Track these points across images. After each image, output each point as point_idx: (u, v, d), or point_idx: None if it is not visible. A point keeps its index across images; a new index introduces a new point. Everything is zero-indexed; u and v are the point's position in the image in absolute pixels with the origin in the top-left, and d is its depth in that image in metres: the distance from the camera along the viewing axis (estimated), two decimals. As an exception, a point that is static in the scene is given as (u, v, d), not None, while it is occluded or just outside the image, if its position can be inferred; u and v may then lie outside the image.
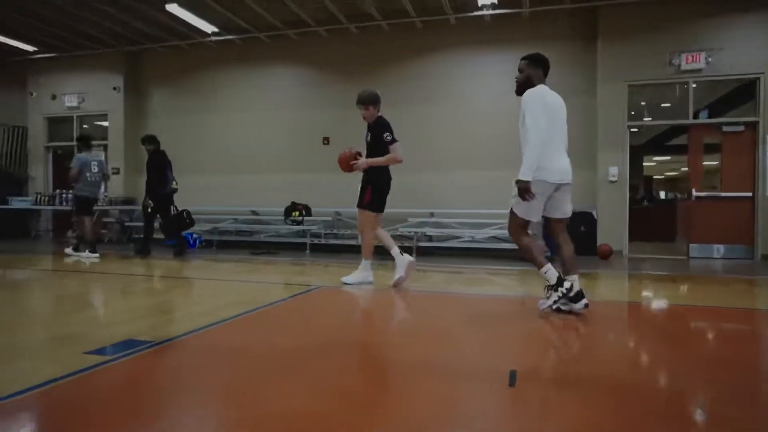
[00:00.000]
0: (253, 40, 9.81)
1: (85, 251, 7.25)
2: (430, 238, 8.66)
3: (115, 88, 10.80)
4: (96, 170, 7.41)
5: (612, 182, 7.96)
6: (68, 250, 7.51)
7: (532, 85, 3.48)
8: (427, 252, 8.31)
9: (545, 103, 3.38)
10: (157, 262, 6.85)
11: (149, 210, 7.53)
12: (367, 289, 4.64)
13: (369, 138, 4.71)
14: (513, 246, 4.99)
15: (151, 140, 7.64)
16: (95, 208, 7.99)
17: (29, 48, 10.71)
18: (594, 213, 7.94)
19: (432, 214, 8.62)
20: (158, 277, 5.57)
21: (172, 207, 7.69)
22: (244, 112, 10.20)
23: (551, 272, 3.36)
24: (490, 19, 8.63)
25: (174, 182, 7.57)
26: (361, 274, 4.78)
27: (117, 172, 10.72)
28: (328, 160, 9.22)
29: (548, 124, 3.33)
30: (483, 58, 8.91)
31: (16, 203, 10.87)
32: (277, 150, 9.86)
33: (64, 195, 10.50)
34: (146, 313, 3.52)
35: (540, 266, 3.38)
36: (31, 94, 11.57)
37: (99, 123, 11.28)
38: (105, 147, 11.03)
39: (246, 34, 9.56)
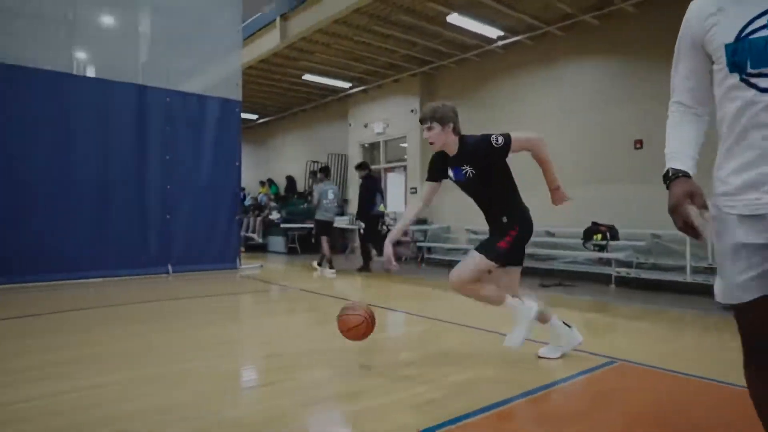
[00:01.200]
0: (543, 36, 8.59)
1: (326, 267, 8.04)
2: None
3: (412, 111, 11.17)
4: (331, 197, 8.32)
5: None
6: (314, 264, 8.37)
7: None
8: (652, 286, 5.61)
9: None
10: (388, 287, 6.36)
11: (361, 231, 8.52)
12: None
13: (470, 173, 2.95)
14: None
15: (363, 167, 8.45)
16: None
17: (346, 85, 12.09)
18: None
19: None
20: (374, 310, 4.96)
21: (382, 227, 8.40)
22: (537, 118, 9.04)
23: None
24: None
25: (381, 205, 8.30)
26: (522, 330, 3.01)
27: (414, 191, 11.02)
28: (641, 168, 7.29)
29: None
30: None
31: (338, 222, 12.34)
32: (576, 158, 8.34)
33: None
34: (318, 394, 2.81)
35: None
36: (350, 125, 13.08)
37: (403, 145, 11.89)
38: (404, 168, 11.53)
39: (535, 31, 8.43)
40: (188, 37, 8.08)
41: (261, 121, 16.28)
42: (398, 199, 11.89)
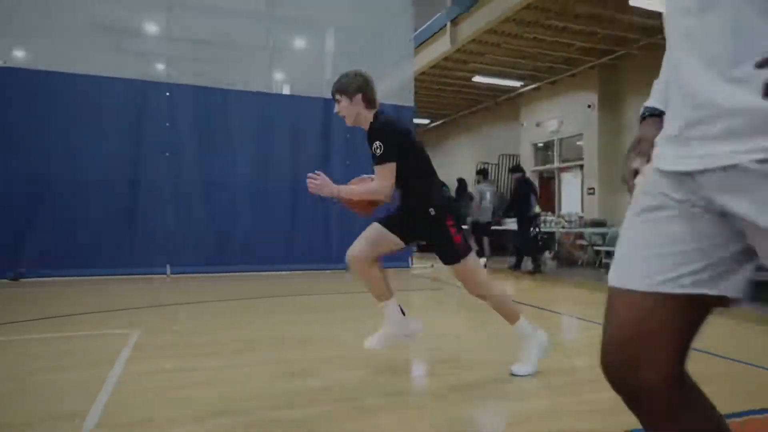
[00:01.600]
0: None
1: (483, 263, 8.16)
2: None
3: (589, 106, 10.45)
4: (489, 198, 8.79)
5: None
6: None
7: None
8: None
9: None
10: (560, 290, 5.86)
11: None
12: None
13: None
14: None
15: (517, 169, 8.51)
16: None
17: (517, 84, 11.81)
18: None
19: None
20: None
21: (532, 229, 8.50)
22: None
23: None
24: None
25: (536, 207, 8.31)
26: (532, 352, 2.84)
27: (592, 192, 10.30)
28: None
29: None
30: None
31: (508, 224, 12.09)
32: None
33: (545, 217, 10.87)
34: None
35: None
36: (522, 125, 12.73)
37: (579, 143, 11.20)
38: (581, 167, 10.84)
39: (742, 4, 7.25)
40: (365, 50, 8.74)
41: (433, 125, 16.75)
42: (574, 201, 11.21)
